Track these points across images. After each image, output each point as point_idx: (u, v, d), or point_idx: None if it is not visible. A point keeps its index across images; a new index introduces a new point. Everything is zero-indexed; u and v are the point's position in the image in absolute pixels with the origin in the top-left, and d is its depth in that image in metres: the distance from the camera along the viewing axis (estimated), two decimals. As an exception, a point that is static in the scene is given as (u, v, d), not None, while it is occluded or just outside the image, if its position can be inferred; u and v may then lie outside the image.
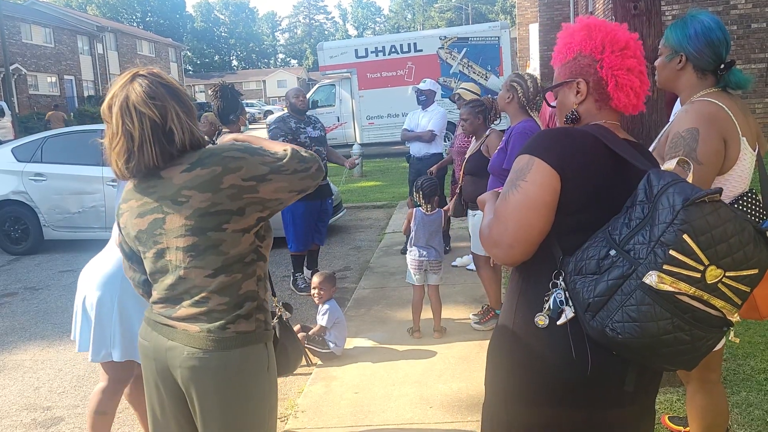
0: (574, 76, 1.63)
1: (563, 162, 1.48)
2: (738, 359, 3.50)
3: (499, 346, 1.63)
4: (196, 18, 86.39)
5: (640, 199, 1.39)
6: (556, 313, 1.47)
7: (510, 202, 1.52)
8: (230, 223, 1.73)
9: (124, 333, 2.66)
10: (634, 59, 1.55)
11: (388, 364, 3.96)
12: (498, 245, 1.55)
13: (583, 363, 1.45)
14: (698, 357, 1.38)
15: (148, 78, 1.75)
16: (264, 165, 1.75)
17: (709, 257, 1.28)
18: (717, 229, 1.28)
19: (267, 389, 1.88)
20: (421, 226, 4.31)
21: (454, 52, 16.20)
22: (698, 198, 1.28)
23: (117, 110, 1.73)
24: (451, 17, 72.95)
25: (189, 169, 1.72)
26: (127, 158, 1.74)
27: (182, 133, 1.75)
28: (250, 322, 1.81)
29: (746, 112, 2.17)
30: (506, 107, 4.04)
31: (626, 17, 3.11)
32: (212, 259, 1.75)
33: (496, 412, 1.64)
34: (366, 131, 16.87)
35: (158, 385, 1.86)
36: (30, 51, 32.02)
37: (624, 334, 1.32)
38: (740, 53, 10.35)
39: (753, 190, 2.18)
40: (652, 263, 1.30)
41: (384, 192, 10.94)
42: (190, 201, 1.71)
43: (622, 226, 1.40)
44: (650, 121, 3.14)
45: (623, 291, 1.33)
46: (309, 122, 5.61)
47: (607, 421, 1.52)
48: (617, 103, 1.58)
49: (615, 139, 1.53)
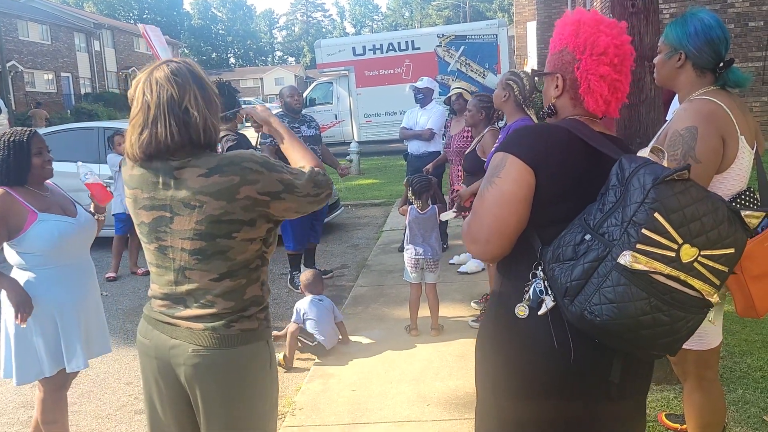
0: (555, 69, 1.65)
1: (537, 158, 1.50)
2: (735, 357, 3.51)
3: (485, 341, 1.65)
4: (194, 15, 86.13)
5: (613, 183, 1.41)
6: (536, 303, 1.49)
7: (485, 198, 1.55)
8: (240, 233, 1.73)
9: (47, 346, 2.67)
10: (610, 67, 1.55)
11: (386, 361, 3.96)
12: (475, 241, 1.57)
13: (566, 353, 1.46)
14: (679, 339, 1.38)
15: (178, 62, 1.78)
16: (280, 182, 1.74)
17: (682, 235, 1.29)
18: (689, 208, 1.29)
19: (269, 386, 1.89)
20: (416, 224, 4.31)
21: (451, 50, 16.18)
22: (668, 176, 1.29)
23: (141, 86, 1.74)
24: (448, 15, 72.88)
25: (207, 174, 1.71)
26: (140, 131, 1.73)
27: (198, 116, 1.73)
28: (253, 320, 1.82)
29: (745, 110, 2.17)
30: (502, 105, 4.01)
31: (624, 15, 3.10)
32: (218, 264, 1.75)
33: (487, 407, 1.65)
34: (363, 129, 16.86)
35: (159, 383, 1.85)
36: (27, 48, 31.89)
37: (602, 316, 1.32)
38: (737, 52, 10.35)
39: (751, 188, 2.19)
40: (625, 243, 1.31)
41: (381, 190, 10.94)
42: (204, 207, 1.70)
43: (596, 212, 1.41)
44: (647, 119, 3.14)
45: (599, 273, 1.34)
46: (303, 121, 5.61)
47: (597, 415, 1.52)
48: (587, 106, 1.60)
49: (590, 133, 1.55)
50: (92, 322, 2.85)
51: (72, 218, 2.74)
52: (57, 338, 2.69)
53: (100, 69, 39.68)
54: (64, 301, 2.71)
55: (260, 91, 71.64)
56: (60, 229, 2.66)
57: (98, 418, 3.58)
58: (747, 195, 2.17)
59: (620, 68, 1.56)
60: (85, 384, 4.02)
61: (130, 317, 5.22)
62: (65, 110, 31.92)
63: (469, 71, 16.09)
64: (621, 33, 1.58)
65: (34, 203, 2.66)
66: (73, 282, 2.75)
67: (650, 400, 3.12)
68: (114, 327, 5.05)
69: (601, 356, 1.46)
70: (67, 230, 2.69)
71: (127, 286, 6.07)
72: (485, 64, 16.05)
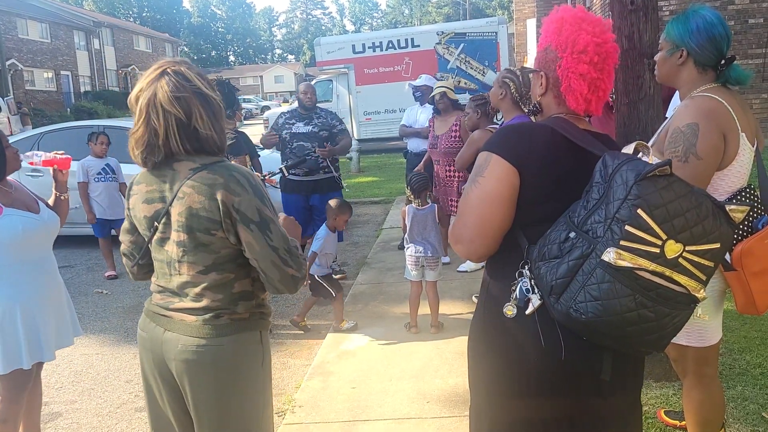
0: (540, 67, 1.65)
1: (520, 157, 1.50)
2: (734, 354, 3.51)
3: (475, 341, 1.65)
4: (193, 13, 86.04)
5: (596, 180, 1.41)
6: (523, 301, 1.49)
7: (470, 198, 1.55)
8: (218, 231, 1.75)
9: (4, 344, 2.58)
10: (590, 65, 1.54)
11: (386, 359, 3.96)
12: (460, 241, 1.57)
13: (556, 351, 1.46)
14: (666, 336, 1.38)
15: (176, 76, 1.76)
16: (259, 213, 1.73)
17: (666, 231, 1.29)
18: (672, 203, 1.29)
19: (261, 383, 1.89)
20: (414, 221, 4.32)
21: (451, 48, 16.16)
22: (650, 171, 1.29)
23: (144, 104, 1.75)
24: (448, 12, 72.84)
25: (197, 169, 1.75)
26: (149, 150, 1.76)
27: (206, 132, 1.77)
28: (243, 313, 1.83)
29: (745, 107, 2.17)
30: (499, 103, 4.00)
31: (623, 13, 3.10)
32: (203, 257, 1.77)
33: (480, 408, 1.65)
34: (363, 127, 16.85)
35: (155, 376, 1.87)
36: (26, 46, 31.86)
37: (587, 313, 1.32)
38: (738, 49, 10.33)
39: (752, 186, 2.19)
40: (609, 240, 1.31)
41: (381, 187, 10.93)
42: (185, 198, 1.73)
43: (580, 209, 1.41)
44: (647, 117, 3.14)
45: (584, 271, 1.34)
46: (305, 117, 5.58)
47: (589, 412, 1.52)
48: (569, 104, 1.59)
49: (574, 131, 1.54)
50: (52, 320, 2.75)
51: (36, 215, 2.70)
52: (16, 336, 2.59)
53: (99, 67, 39.65)
54: (23, 298, 2.63)
55: (260, 89, 71.59)
56: (24, 224, 2.61)
57: (99, 416, 3.58)
58: (747, 192, 2.17)
59: (601, 67, 1.55)
60: (86, 382, 4.03)
61: (130, 315, 5.22)
62: (65, 108, 31.89)
63: (468, 69, 16.08)
64: (604, 31, 1.56)
65: (2, 198, 2.63)
66: (33, 279, 2.68)
67: (649, 396, 3.13)
68: (114, 325, 5.06)
69: (592, 354, 1.46)
70: (30, 226, 2.64)
71: (128, 284, 6.07)
72: (485, 61, 16.04)
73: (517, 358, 1.51)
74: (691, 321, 2.20)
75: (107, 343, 4.69)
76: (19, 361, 2.61)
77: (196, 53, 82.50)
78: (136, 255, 1.95)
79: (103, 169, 6.24)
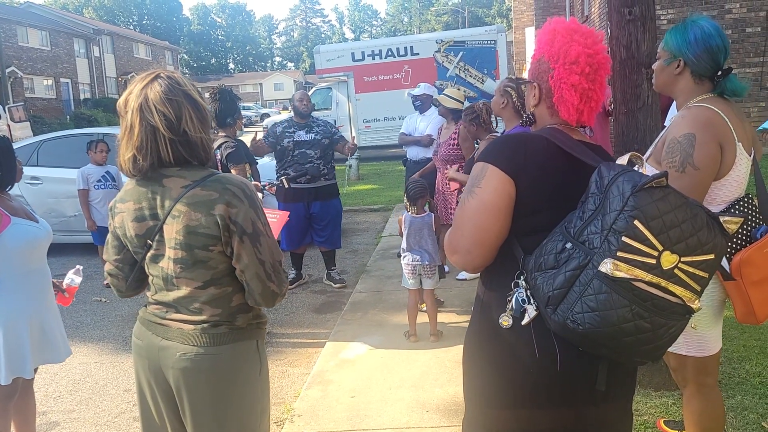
0: (533, 78, 1.67)
1: (516, 167, 1.51)
2: (733, 363, 3.51)
3: (470, 352, 1.66)
4: (193, 21, 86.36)
5: (592, 191, 1.42)
6: (519, 312, 1.49)
7: (466, 208, 1.56)
8: (216, 246, 1.75)
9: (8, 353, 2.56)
10: (581, 76, 1.54)
11: (385, 367, 3.95)
12: (456, 251, 1.58)
13: (551, 362, 1.46)
14: (661, 346, 1.38)
15: (168, 80, 1.78)
16: (252, 224, 1.74)
17: (662, 242, 1.29)
18: (668, 215, 1.30)
19: (259, 392, 1.89)
20: (411, 229, 4.32)
21: (450, 56, 16.21)
22: (646, 183, 1.30)
23: (136, 105, 1.74)
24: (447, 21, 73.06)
25: (190, 186, 1.74)
26: (141, 153, 1.74)
27: (195, 137, 1.77)
28: (243, 323, 1.84)
29: (742, 117, 2.18)
30: (501, 112, 4.01)
31: (621, 22, 3.12)
32: (201, 273, 1.78)
33: (475, 418, 1.65)
34: (363, 134, 16.86)
35: (150, 384, 1.87)
36: (26, 54, 31.92)
37: (584, 324, 1.32)
38: (735, 58, 10.38)
39: (749, 195, 2.19)
40: (606, 251, 1.31)
41: (380, 195, 10.94)
42: (181, 217, 1.73)
43: (576, 220, 1.42)
44: (645, 126, 3.15)
45: (581, 282, 1.34)
46: (304, 126, 5.63)
47: (582, 420, 1.52)
48: (561, 115, 1.60)
49: (568, 141, 1.55)
50: (47, 330, 2.73)
51: (36, 224, 2.71)
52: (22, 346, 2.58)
53: (99, 75, 39.74)
54: (26, 307, 2.62)
55: (259, 96, 71.73)
56: (31, 233, 2.62)
57: (97, 425, 3.57)
58: (745, 202, 2.17)
59: (593, 77, 1.56)
60: (84, 391, 4.01)
61: (129, 324, 5.21)
62: (64, 116, 31.91)
63: (467, 77, 16.12)
64: (596, 42, 1.57)
65: (7, 208, 2.63)
66: (36, 288, 2.68)
67: (649, 406, 3.12)
68: (113, 333, 5.05)
69: (587, 364, 1.46)
70: (36, 235, 2.65)
71: (126, 292, 6.05)
72: (484, 69, 16.08)
73: (512, 368, 1.51)
74: (690, 331, 2.21)
75: (105, 352, 4.68)
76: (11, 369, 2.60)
77: (196, 61, 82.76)
78: (126, 273, 1.93)
79: (103, 176, 6.25)
